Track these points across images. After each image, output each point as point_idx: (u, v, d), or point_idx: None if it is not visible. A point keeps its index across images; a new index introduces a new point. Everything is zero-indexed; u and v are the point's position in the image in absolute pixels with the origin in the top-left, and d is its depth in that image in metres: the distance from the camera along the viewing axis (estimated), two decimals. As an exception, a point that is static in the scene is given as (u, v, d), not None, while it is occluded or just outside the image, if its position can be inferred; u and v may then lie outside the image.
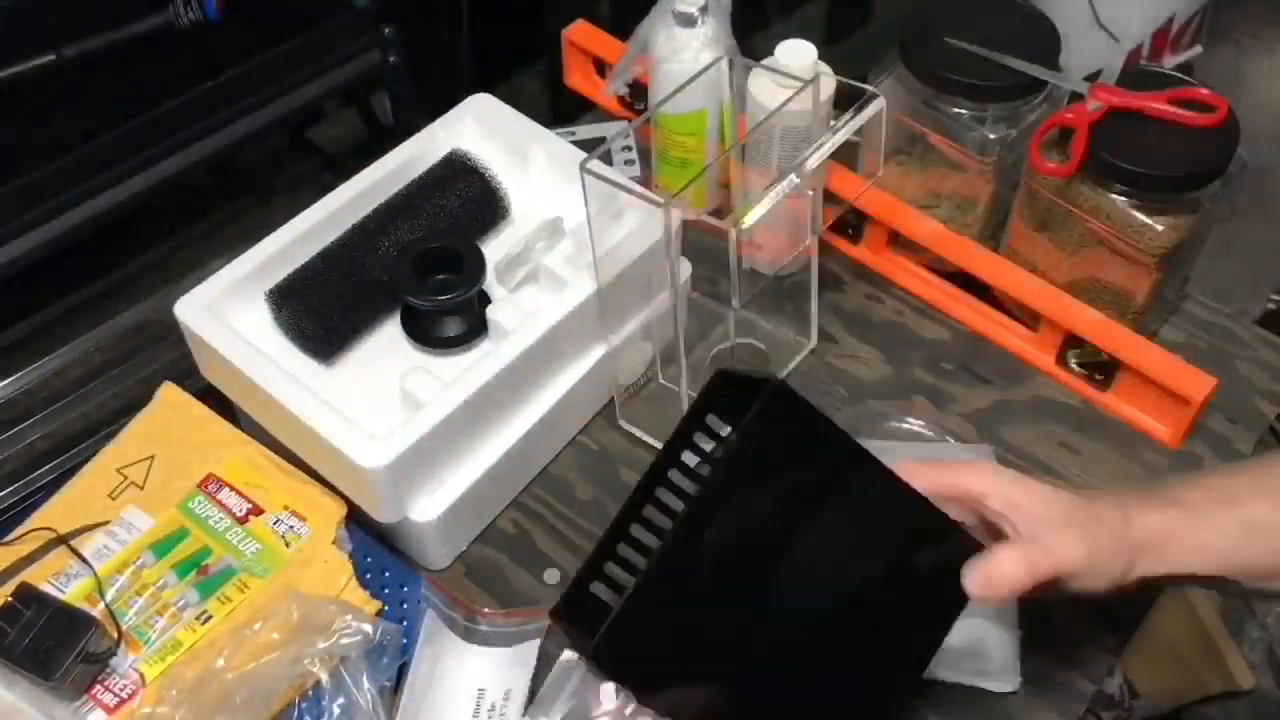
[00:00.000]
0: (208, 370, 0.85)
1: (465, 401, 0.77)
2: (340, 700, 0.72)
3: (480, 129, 0.93)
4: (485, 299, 0.85)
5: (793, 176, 0.75)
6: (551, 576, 0.84)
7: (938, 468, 0.65)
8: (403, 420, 0.77)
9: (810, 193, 0.85)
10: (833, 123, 0.91)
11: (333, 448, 0.75)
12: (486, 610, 0.80)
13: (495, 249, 0.88)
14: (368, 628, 0.73)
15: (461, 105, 0.94)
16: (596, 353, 0.87)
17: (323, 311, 0.82)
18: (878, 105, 0.79)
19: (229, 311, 0.82)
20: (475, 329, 0.84)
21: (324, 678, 0.72)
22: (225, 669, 0.72)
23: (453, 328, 0.84)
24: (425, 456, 0.76)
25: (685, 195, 1.01)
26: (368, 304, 0.84)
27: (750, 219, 0.74)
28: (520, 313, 0.82)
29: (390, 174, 0.88)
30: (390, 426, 0.76)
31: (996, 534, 0.65)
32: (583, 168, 0.77)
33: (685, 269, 0.91)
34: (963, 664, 0.77)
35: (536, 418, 0.84)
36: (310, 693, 0.73)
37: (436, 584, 0.79)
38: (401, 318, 0.85)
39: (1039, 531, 0.63)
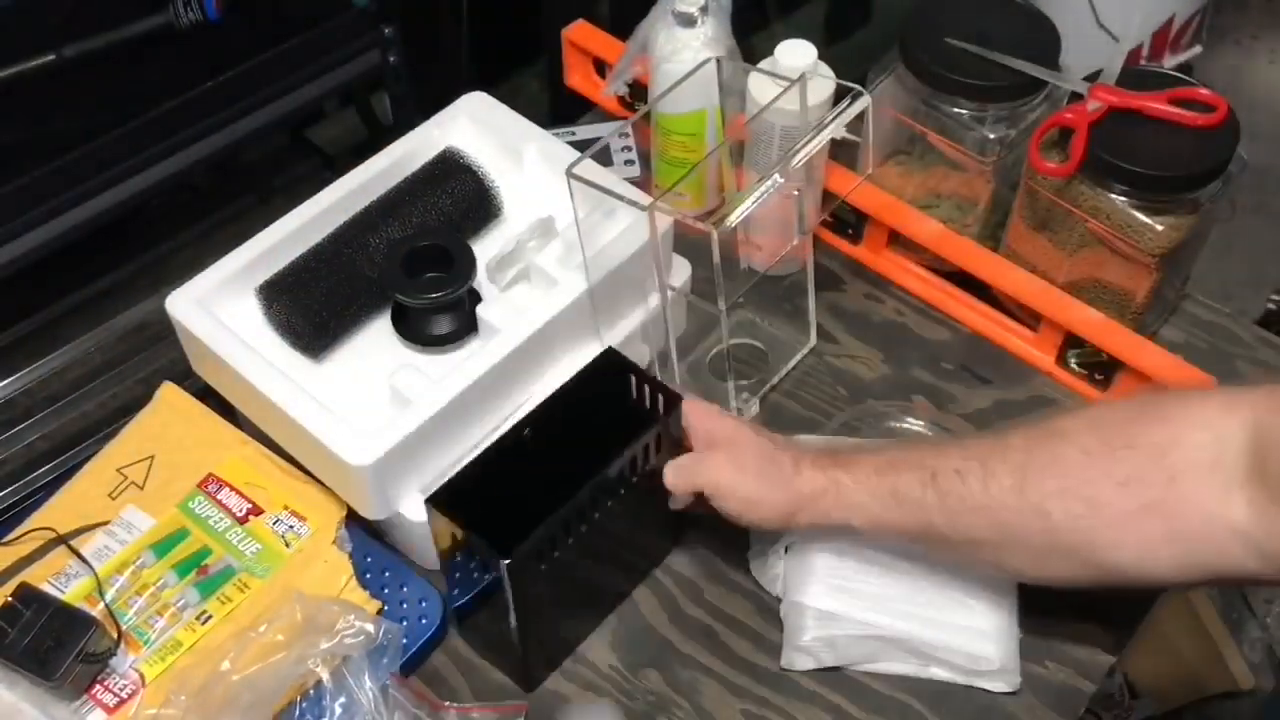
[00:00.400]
0: (198, 365, 0.85)
1: (454, 399, 0.77)
2: (341, 699, 0.72)
3: (474, 127, 0.93)
4: (476, 297, 0.85)
5: (777, 176, 0.76)
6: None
7: (699, 411, 0.76)
8: (391, 417, 0.77)
9: (796, 192, 0.85)
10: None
11: (320, 444, 0.75)
12: (452, 706, 0.77)
13: (487, 247, 0.88)
14: (370, 627, 0.73)
15: (455, 103, 0.94)
16: (589, 352, 0.86)
17: (312, 307, 0.82)
18: (863, 104, 0.79)
19: (221, 307, 0.82)
20: (465, 327, 0.84)
21: (325, 677, 0.72)
22: (231, 671, 0.72)
23: (442, 325, 0.84)
24: (414, 454, 0.76)
25: (678, 195, 1.01)
26: (358, 301, 0.84)
27: (734, 219, 0.74)
28: (511, 311, 0.82)
29: (383, 171, 0.88)
30: (379, 423, 0.76)
31: None
32: (568, 173, 0.77)
33: (684, 270, 0.91)
34: (962, 664, 0.77)
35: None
36: (311, 692, 0.73)
37: (401, 681, 0.75)
38: (392, 315, 0.85)
39: (706, 457, 0.75)
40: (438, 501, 0.70)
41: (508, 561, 0.67)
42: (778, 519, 0.74)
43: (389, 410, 0.79)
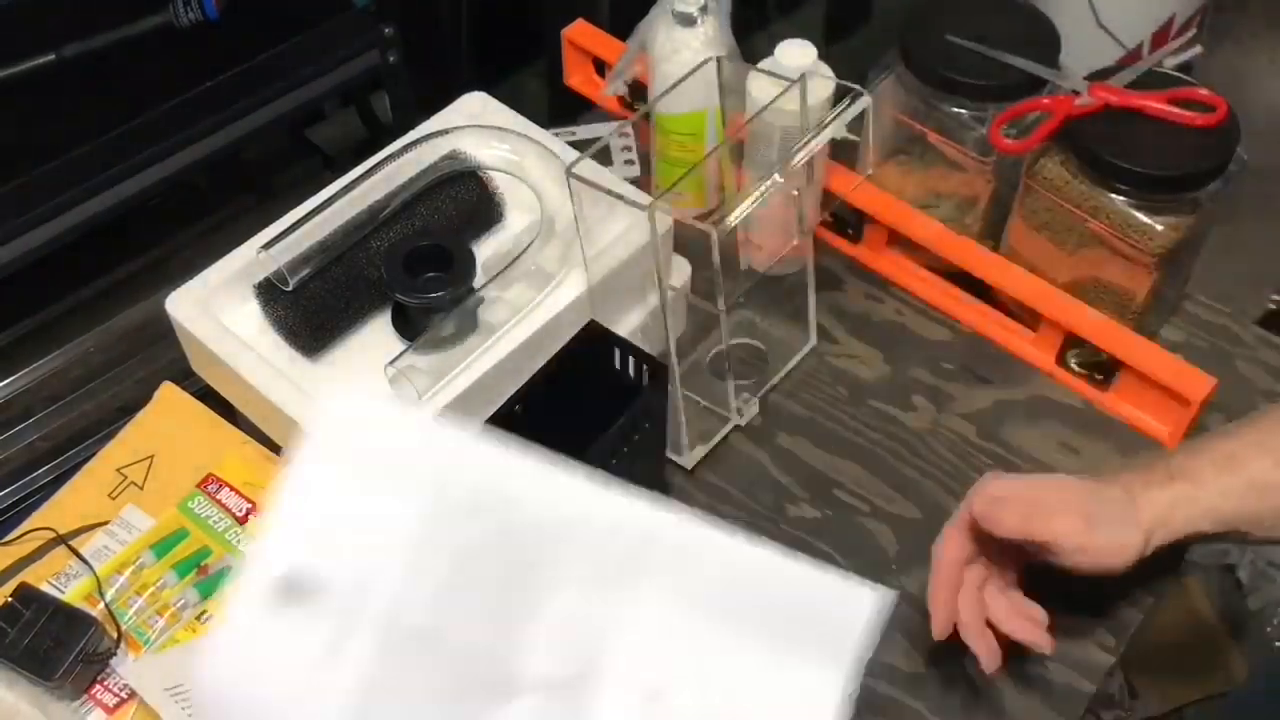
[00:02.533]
0: (199, 366, 0.85)
1: (454, 400, 0.77)
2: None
3: (473, 127, 0.93)
4: (476, 297, 0.85)
5: (776, 176, 0.76)
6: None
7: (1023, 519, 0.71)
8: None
9: (795, 192, 0.85)
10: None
11: None
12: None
13: (487, 247, 0.88)
14: None
15: (455, 103, 0.94)
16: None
17: (310, 306, 0.82)
18: (863, 104, 0.79)
19: (220, 307, 0.82)
20: (465, 327, 0.84)
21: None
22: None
23: (443, 326, 0.83)
24: (416, 455, 0.76)
25: (677, 195, 1.01)
26: (357, 300, 0.84)
27: (734, 219, 0.74)
28: (511, 310, 0.82)
29: (382, 171, 0.88)
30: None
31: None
32: (568, 173, 0.77)
33: (684, 270, 0.91)
34: None
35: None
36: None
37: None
38: (392, 315, 0.85)
39: (1050, 515, 0.71)
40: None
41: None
42: (1127, 560, 0.71)
43: (389, 410, 0.79)
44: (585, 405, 0.72)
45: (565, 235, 0.84)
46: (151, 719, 0.72)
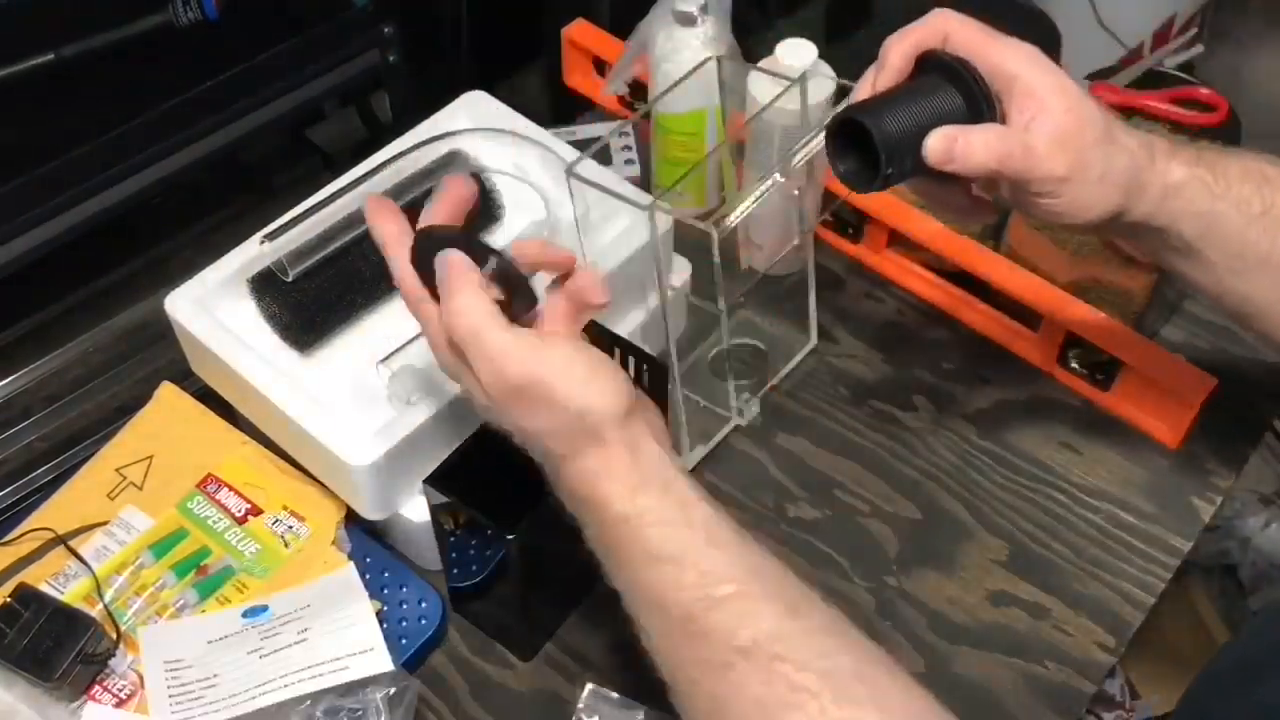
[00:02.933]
0: (198, 366, 0.85)
1: (453, 400, 0.77)
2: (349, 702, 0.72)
3: (473, 126, 0.93)
4: None
5: (776, 176, 0.75)
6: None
7: (984, 37, 0.66)
8: (392, 417, 0.76)
9: (796, 192, 0.85)
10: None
11: (320, 445, 0.75)
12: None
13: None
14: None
15: (455, 102, 0.94)
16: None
17: (305, 302, 0.82)
18: None
19: (219, 307, 0.82)
20: None
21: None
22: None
23: None
24: (414, 454, 0.76)
25: (677, 195, 1.01)
26: (353, 297, 0.84)
27: (734, 218, 0.74)
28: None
29: (381, 168, 0.88)
30: (379, 424, 0.76)
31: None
32: (568, 172, 0.77)
33: (685, 269, 0.91)
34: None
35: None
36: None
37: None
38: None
39: (1038, 134, 0.62)
40: (437, 483, 0.71)
41: (512, 536, 0.68)
42: (1098, 215, 0.63)
43: (389, 410, 0.79)
44: None
45: (566, 235, 0.84)
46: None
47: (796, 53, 0.88)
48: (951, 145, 0.62)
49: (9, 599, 0.73)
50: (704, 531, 0.58)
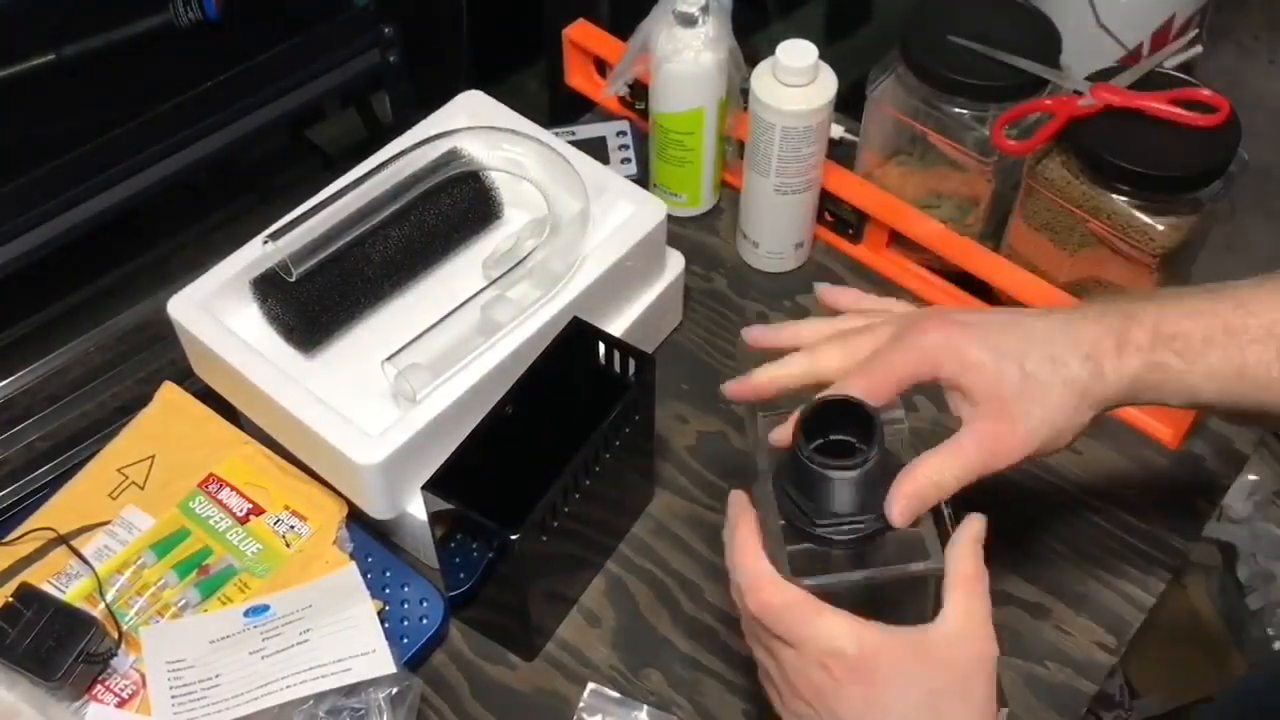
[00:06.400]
0: (201, 368, 0.85)
1: (459, 397, 0.77)
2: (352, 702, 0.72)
3: (472, 125, 0.93)
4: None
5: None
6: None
7: (880, 367, 0.63)
8: (397, 416, 0.77)
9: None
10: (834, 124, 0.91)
11: (327, 444, 0.75)
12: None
13: (486, 245, 0.88)
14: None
15: (453, 101, 0.94)
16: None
17: (307, 302, 0.82)
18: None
19: (223, 309, 0.82)
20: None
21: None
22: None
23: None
24: (420, 453, 0.76)
25: (676, 195, 1.01)
26: (356, 296, 0.84)
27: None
28: (515, 310, 0.82)
29: (380, 168, 0.88)
30: (384, 423, 0.76)
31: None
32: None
33: (678, 263, 0.91)
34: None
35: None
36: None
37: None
38: (782, 482, 0.74)
39: (972, 433, 0.61)
40: (436, 487, 0.71)
41: (515, 537, 0.68)
42: (1079, 431, 0.62)
43: (394, 409, 0.79)
44: (575, 403, 0.73)
45: (567, 235, 0.84)
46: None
47: (796, 53, 0.88)
48: (910, 503, 0.60)
49: (11, 599, 0.73)
50: None
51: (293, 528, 0.80)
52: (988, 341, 0.62)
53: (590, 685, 0.77)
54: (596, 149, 1.04)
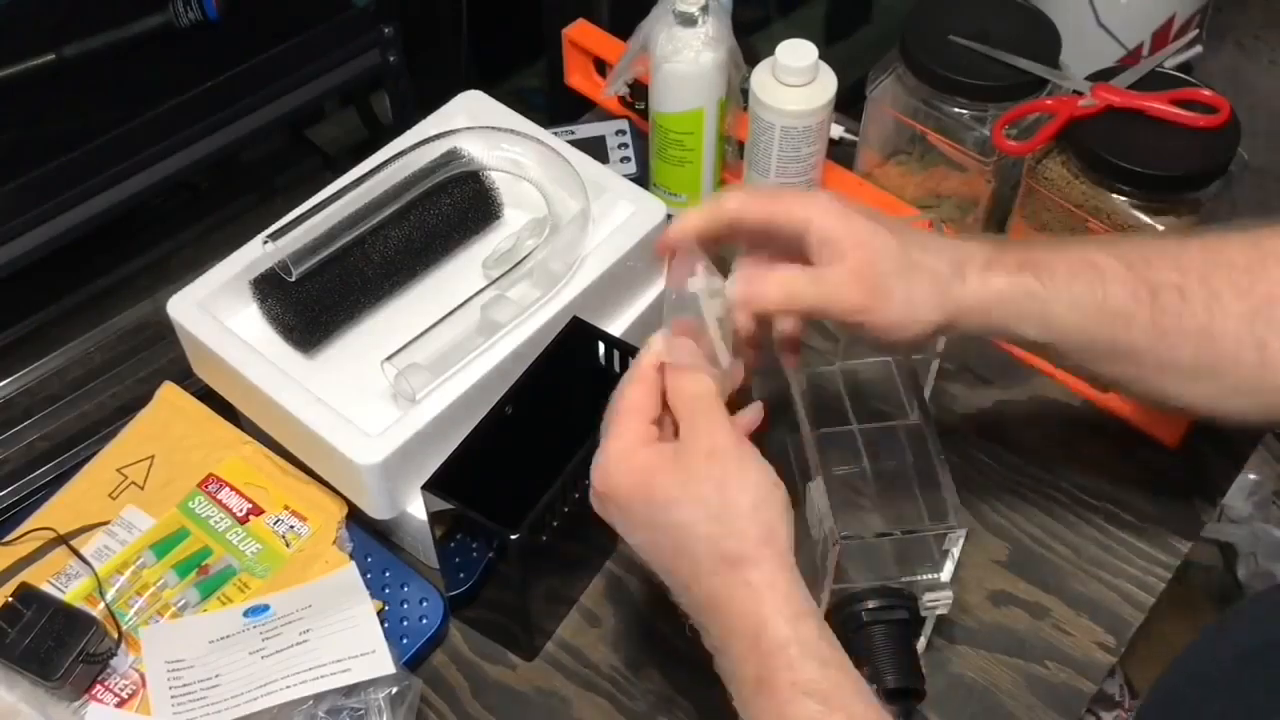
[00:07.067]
0: (201, 369, 0.85)
1: (459, 397, 0.77)
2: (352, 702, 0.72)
3: (471, 125, 0.93)
4: None
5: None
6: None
7: (770, 199, 0.65)
8: (397, 416, 0.77)
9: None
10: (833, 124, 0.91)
11: (327, 444, 0.75)
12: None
13: (486, 245, 0.88)
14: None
15: (453, 102, 0.94)
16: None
17: (307, 302, 0.82)
18: None
19: (222, 309, 0.82)
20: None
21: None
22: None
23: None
24: (420, 453, 0.76)
25: (675, 195, 1.01)
26: (356, 296, 0.84)
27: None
28: (515, 310, 0.82)
29: (380, 169, 0.88)
30: (384, 423, 0.76)
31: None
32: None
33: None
34: None
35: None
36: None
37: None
38: None
39: (830, 271, 0.63)
40: (435, 487, 0.71)
41: (515, 536, 0.69)
42: (916, 337, 0.64)
43: (394, 409, 0.79)
44: (575, 403, 0.73)
45: (566, 235, 0.84)
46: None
47: (796, 53, 0.88)
48: (748, 287, 0.63)
49: (10, 599, 0.73)
50: (852, 677, 0.57)
51: (292, 528, 0.80)
52: (874, 218, 0.65)
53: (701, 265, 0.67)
54: (596, 149, 1.04)
